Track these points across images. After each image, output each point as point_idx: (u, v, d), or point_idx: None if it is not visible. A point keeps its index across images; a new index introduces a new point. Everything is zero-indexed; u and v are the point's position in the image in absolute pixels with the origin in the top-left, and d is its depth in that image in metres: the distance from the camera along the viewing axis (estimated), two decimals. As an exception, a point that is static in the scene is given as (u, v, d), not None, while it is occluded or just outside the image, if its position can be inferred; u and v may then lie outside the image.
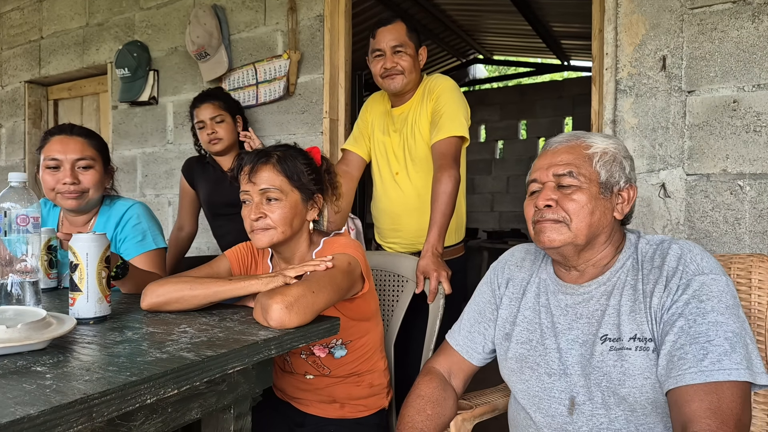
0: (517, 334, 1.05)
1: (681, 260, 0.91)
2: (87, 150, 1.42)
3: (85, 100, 3.40)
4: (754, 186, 1.52)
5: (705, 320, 0.84)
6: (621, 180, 0.98)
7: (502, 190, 6.64)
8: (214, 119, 1.99)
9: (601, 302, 0.96)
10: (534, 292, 1.07)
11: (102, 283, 0.98)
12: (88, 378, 0.66)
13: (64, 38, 3.22)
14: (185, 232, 2.19)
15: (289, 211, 1.16)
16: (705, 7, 1.58)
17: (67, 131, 1.42)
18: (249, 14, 2.52)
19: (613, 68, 1.70)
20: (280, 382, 1.35)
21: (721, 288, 0.87)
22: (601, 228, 0.97)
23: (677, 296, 0.87)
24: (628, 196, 0.99)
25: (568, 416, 0.94)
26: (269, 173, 1.16)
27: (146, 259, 1.43)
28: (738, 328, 0.83)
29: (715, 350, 0.81)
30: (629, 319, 0.91)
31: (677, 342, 0.85)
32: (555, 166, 0.98)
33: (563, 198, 0.96)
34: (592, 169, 0.97)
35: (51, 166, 1.39)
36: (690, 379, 0.81)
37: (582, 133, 1.03)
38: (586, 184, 0.96)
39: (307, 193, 1.20)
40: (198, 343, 0.84)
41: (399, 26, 1.69)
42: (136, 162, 2.94)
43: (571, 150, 0.99)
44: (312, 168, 1.22)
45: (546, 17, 4.60)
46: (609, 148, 0.98)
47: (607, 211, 0.97)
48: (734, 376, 0.80)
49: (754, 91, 1.52)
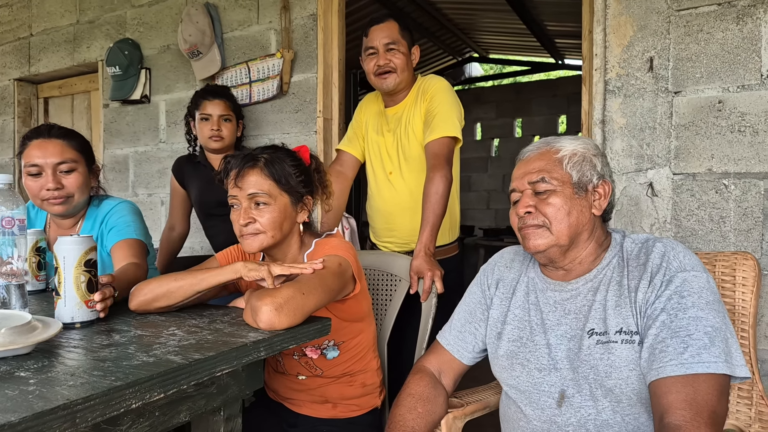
0: (508, 332, 1.08)
1: (665, 257, 0.94)
2: (67, 152, 1.36)
3: (75, 98, 3.38)
4: (739, 185, 1.54)
5: (686, 315, 0.87)
6: (593, 177, 1.02)
7: (498, 188, 6.66)
8: (221, 116, 1.98)
9: (588, 298, 1.00)
10: (523, 290, 1.10)
11: (81, 287, 0.95)
12: (73, 383, 0.66)
13: (55, 36, 3.20)
14: (177, 232, 2.19)
15: (279, 214, 1.16)
16: (691, 9, 1.59)
17: (44, 134, 1.36)
18: (242, 12, 2.51)
19: (602, 69, 1.71)
20: (272, 383, 1.36)
21: (701, 284, 0.90)
22: (581, 226, 1.00)
23: (660, 291, 0.91)
24: (603, 192, 1.03)
25: (557, 408, 0.97)
26: (257, 177, 1.15)
27: (126, 246, 1.35)
28: (718, 323, 0.87)
29: (695, 344, 0.85)
30: (615, 313, 0.95)
31: (659, 335, 0.88)
32: (529, 174, 1.03)
33: (540, 203, 1.00)
34: (564, 172, 1.01)
35: (32, 173, 1.34)
36: (670, 371, 0.85)
37: (552, 138, 1.07)
38: (560, 187, 1.00)
39: (296, 195, 1.19)
40: (186, 345, 0.84)
41: (391, 24, 1.69)
42: (128, 161, 2.93)
43: (541, 157, 1.03)
44: (301, 169, 1.21)
45: (540, 16, 4.61)
46: (578, 149, 1.02)
47: (584, 209, 1.01)
48: (712, 368, 0.83)
49: (739, 91, 1.53)
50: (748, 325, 1.21)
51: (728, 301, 1.23)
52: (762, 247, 1.51)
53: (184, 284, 1.05)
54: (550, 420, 0.98)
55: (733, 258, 1.26)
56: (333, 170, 1.88)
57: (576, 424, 0.95)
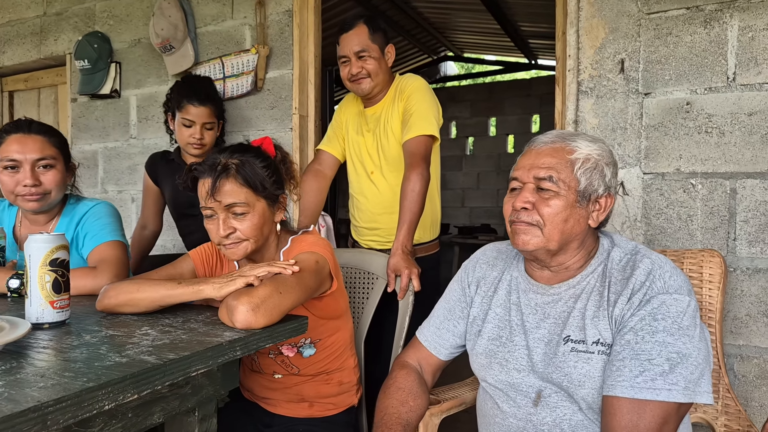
0: (488, 330, 1.07)
1: (649, 276, 0.91)
2: (47, 149, 1.35)
3: (42, 92, 3.26)
4: (705, 184, 1.59)
5: (652, 339, 0.86)
6: (600, 188, 0.97)
7: (473, 186, 6.73)
8: (205, 124, 1.89)
9: (568, 304, 0.99)
10: (505, 289, 1.09)
11: (45, 287, 0.92)
12: (43, 384, 0.64)
13: (20, 27, 3.08)
14: (149, 231, 2.14)
15: (258, 220, 1.14)
16: (661, 13, 1.64)
17: (24, 129, 1.34)
18: (216, 7, 2.47)
19: (575, 70, 1.74)
20: (248, 382, 1.34)
21: (680, 309, 0.87)
22: (573, 235, 0.97)
23: (635, 310, 0.89)
24: (605, 204, 0.99)
25: (533, 407, 0.98)
26: (231, 186, 1.11)
27: (106, 248, 1.34)
28: (687, 349, 0.85)
29: (653, 369, 0.84)
30: (592, 323, 0.94)
31: (620, 353, 0.88)
32: (536, 168, 0.97)
33: (540, 202, 0.96)
34: (573, 176, 0.96)
35: (9, 167, 1.31)
36: (620, 391, 0.85)
37: (569, 133, 1.01)
38: (564, 191, 0.95)
39: (272, 198, 1.17)
40: (160, 345, 0.82)
41: (360, 30, 1.68)
42: (97, 157, 2.85)
43: (554, 152, 0.97)
44: (271, 168, 1.18)
45: (514, 17, 4.67)
46: (592, 155, 0.97)
47: (581, 219, 0.97)
48: (662, 396, 0.82)
49: (706, 93, 1.59)
50: (715, 320, 1.25)
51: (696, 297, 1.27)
52: (728, 244, 1.57)
53: (146, 297, 1.02)
54: (526, 418, 0.99)
55: (701, 255, 1.30)
56: (312, 169, 1.87)
57: (551, 424, 0.96)
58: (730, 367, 1.56)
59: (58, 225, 1.42)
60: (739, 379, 1.56)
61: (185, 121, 1.88)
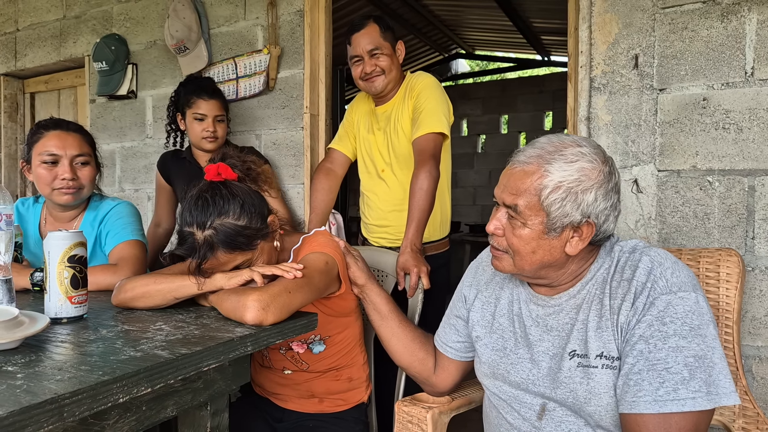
0: (493, 340, 1.05)
1: (650, 275, 0.87)
2: (84, 146, 1.42)
3: (62, 93, 3.33)
4: (723, 182, 1.57)
5: (665, 345, 0.82)
6: (574, 216, 0.87)
7: (485, 184, 6.70)
8: (216, 117, 1.94)
9: (570, 315, 0.94)
10: (507, 299, 1.05)
11: (64, 282, 0.94)
12: (60, 377, 0.66)
13: (41, 30, 3.15)
14: (162, 228, 2.18)
15: (267, 257, 1.13)
16: (676, 7, 1.61)
17: (63, 126, 1.41)
18: (229, 8, 2.49)
19: (587, 66, 1.72)
20: (258, 378, 1.36)
21: (687, 308, 0.83)
22: (547, 263, 0.92)
23: (641, 316, 0.85)
24: (586, 232, 0.89)
25: (537, 421, 0.95)
26: (226, 257, 1.06)
27: (126, 247, 1.39)
28: (702, 351, 0.81)
29: (672, 378, 0.80)
30: (596, 336, 0.89)
31: (635, 366, 0.83)
32: (506, 194, 0.92)
33: (509, 230, 0.92)
34: (539, 206, 0.88)
35: (48, 161, 1.36)
36: (644, 408, 0.81)
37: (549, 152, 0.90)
38: (531, 221, 0.89)
39: (264, 236, 1.11)
40: (173, 340, 0.84)
41: (372, 29, 1.69)
42: (114, 156, 2.90)
43: (524, 177, 0.90)
44: (246, 208, 1.08)
45: (526, 13, 4.64)
46: (565, 181, 0.87)
47: (553, 249, 0.90)
48: (688, 406, 0.79)
49: (723, 89, 1.56)
50: (732, 321, 1.23)
51: (712, 297, 1.24)
52: (746, 243, 1.54)
53: (162, 288, 1.05)
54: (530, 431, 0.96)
55: (717, 254, 1.27)
56: (323, 168, 1.89)
57: None
58: (748, 369, 1.53)
59: (83, 221, 1.46)
60: (757, 381, 1.53)
61: (197, 115, 1.93)
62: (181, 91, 1.99)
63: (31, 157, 1.38)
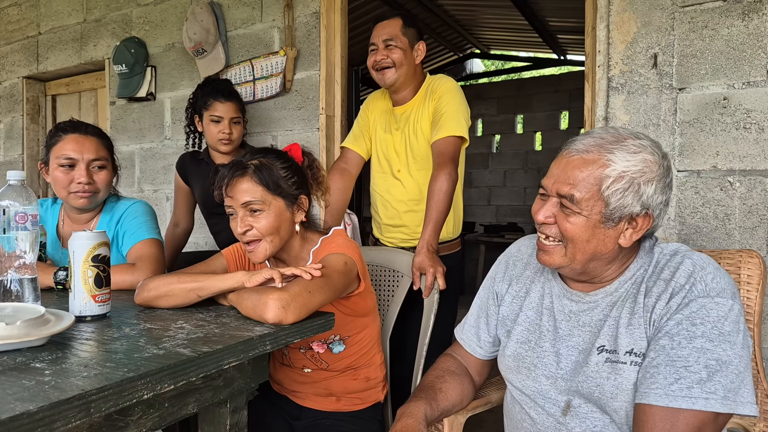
0: (517, 333, 1.04)
1: (690, 278, 0.85)
2: (101, 150, 1.42)
3: (83, 95, 3.40)
4: (744, 182, 1.54)
5: (690, 345, 0.81)
6: (634, 208, 0.87)
7: (499, 184, 6.66)
8: (233, 119, 1.95)
9: (604, 312, 0.93)
10: (538, 292, 1.04)
11: (88, 282, 0.96)
12: (86, 374, 0.68)
13: (62, 34, 3.22)
14: (181, 228, 2.20)
15: (274, 219, 1.16)
16: (696, 5, 1.59)
17: (81, 130, 1.41)
18: (245, 11, 2.52)
19: (605, 65, 1.71)
20: (278, 375, 1.37)
21: (721, 313, 0.81)
22: (599, 254, 0.91)
23: (673, 314, 0.84)
24: (642, 224, 0.88)
25: (561, 416, 0.94)
26: (247, 185, 1.15)
27: (144, 246, 1.41)
28: (728, 357, 0.79)
29: (689, 377, 0.79)
30: (626, 332, 0.88)
31: (655, 360, 0.83)
32: (561, 183, 0.90)
33: (561, 218, 0.90)
34: (599, 195, 0.87)
35: (65, 164, 1.38)
36: (653, 399, 0.80)
37: (611, 140, 0.89)
38: (587, 211, 0.88)
39: (290, 198, 1.19)
40: (194, 339, 0.85)
41: (395, 21, 1.72)
42: (134, 157, 2.95)
43: (584, 165, 0.88)
44: (293, 170, 1.20)
45: (542, 12, 4.60)
46: (628, 172, 0.86)
47: (608, 239, 0.89)
48: (699, 405, 0.77)
49: (744, 88, 1.54)
50: (753, 323, 1.21)
51: (740, 300, 1.23)
52: (767, 245, 1.51)
53: (186, 287, 1.07)
54: (555, 427, 0.95)
55: (738, 256, 1.25)
56: (337, 167, 1.89)
57: None
58: (769, 371, 1.51)
59: (99, 223, 1.48)
60: (779, 383, 1.50)
61: (214, 117, 1.94)
62: (199, 93, 2.01)
63: (49, 159, 1.40)
